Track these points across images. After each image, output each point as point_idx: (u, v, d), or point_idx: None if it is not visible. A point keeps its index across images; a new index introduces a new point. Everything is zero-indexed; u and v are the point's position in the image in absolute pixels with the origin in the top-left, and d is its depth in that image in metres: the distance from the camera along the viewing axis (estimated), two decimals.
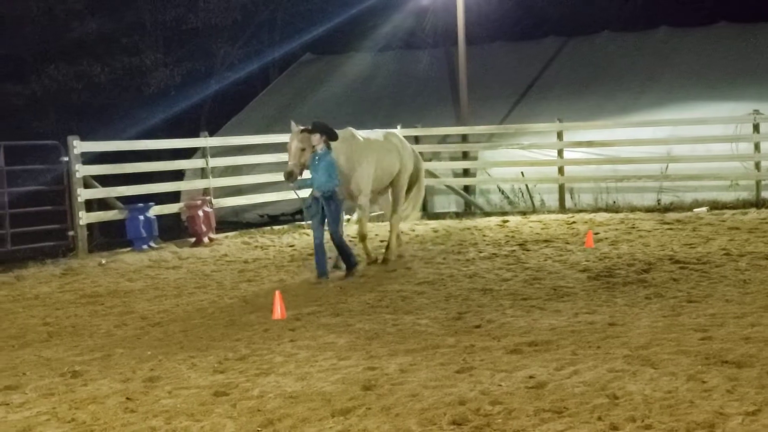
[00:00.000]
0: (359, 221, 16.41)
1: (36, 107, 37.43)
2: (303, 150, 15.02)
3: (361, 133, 16.46)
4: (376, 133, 17.09)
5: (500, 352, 9.59)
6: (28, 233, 18.61)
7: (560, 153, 24.38)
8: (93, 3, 37.28)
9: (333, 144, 15.12)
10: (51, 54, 37.14)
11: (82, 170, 18.37)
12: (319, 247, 14.94)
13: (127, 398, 8.52)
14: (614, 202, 23.62)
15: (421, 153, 25.13)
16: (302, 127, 15.09)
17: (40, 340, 11.35)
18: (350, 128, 16.34)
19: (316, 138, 14.86)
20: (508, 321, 11.18)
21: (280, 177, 23.12)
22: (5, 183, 18.22)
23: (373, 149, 16.27)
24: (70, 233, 18.29)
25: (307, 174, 15.26)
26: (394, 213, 17.23)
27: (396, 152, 16.95)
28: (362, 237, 16.39)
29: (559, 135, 24.45)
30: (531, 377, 8.57)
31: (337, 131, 15.44)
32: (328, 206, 14.77)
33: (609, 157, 24.18)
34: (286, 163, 15.16)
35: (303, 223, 16.72)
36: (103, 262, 17.11)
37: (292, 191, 15.76)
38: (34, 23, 37.52)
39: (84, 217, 18.21)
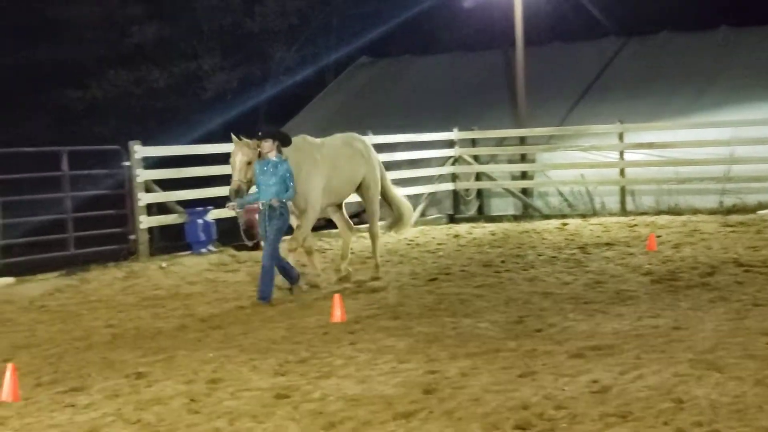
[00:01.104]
0: (301, 234, 14.47)
1: (96, 112, 37.85)
2: (249, 164, 13.71)
3: (317, 140, 15.06)
4: (335, 139, 15.57)
5: (563, 357, 9.52)
6: (91, 237, 18.76)
7: (621, 155, 24.18)
8: (152, 9, 37.63)
9: (284, 152, 13.88)
10: (111, 59, 37.55)
11: (143, 174, 18.51)
12: (270, 268, 13.54)
13: (191, 399, 8.57)
14: (676, 204, 23.36)
15: (476, 156, 25.36)
16: (244, 138, 13.88)
17: (104, 342, 11.45)
18: (304, 135, 15.02)
19: (267, 144, 13.58)
20: (570, 325, 11.10)
21: None
22: (68, 187, 18.40)
23: (327, 157, 14.78)
24: (132, 237, 18.42)
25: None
26: (372, 226, 15.83)
27: (360, 158, 15.46)
28: (309, 251, 14.81)
29: (620, 136, 24.26)
30: (595, 381, 8.49)
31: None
32: (275, 219, 13.52)
33: (671, 159, 23.91)
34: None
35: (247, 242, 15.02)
36: (164, 265, 17.23)
37: (232, 210, 13.99)
38: (95, 29, 37.98)
39: (145, 221, 18.33)
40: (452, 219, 24.54)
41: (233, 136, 14.07)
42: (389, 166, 24.69)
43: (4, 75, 37.73)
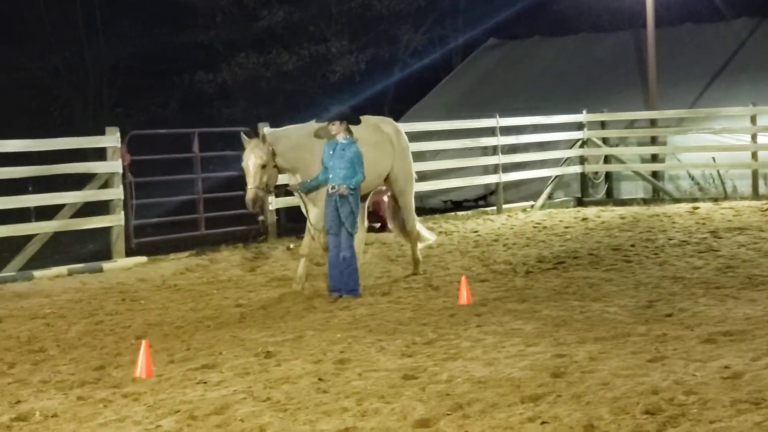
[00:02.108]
0: (317, 232, 13.39)
1: (226, 95, 38.46)
2: (263, 167, 12.64)
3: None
4: (364, 120, 13.65)
5: (693, 342, 9.37)
6: (220, 218, 19.11)
7: (754, 138, 23.61)
8: None
9: (297, 143, 13.07)
10: (241, 43, 38.10)
11: None
12: (353, 258, 12.83)
13: (319, 379, 8.67)
14: None
15: (605, 139, 25.04)
16: (254, 138, 12.94)
17: (234, 321, 11.65)
18: (312, 122, 13.64)
19: (335, 126, 12.64)
20: (701, 310, 10.91)
21: (463, 163, 23.45)
22: (199, 169, 18.75)
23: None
24: (260, 218, 18.68)
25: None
26: (407, 223, 14.51)
27: (388, 145, 13.98)
28: (325, 247, 13.32)
29: (753, 119, 23.69)
30: (726, 367, 8.34)
31: (298, 126, 13.51)
32: (346, 205, 12.68)
33: None
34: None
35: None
36: (291, 246, 17.42)
37: (258, 214, 13.03)
38: (225, 13, 38.58)
39: (273, 203, 18.58)
40: (580, 202, 24.31)
41: (243, 136, 12.97)
42: (516, 148, 24.75)
43: (139, 60, 38.66)
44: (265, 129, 18.08)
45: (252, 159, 12.63)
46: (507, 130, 23.90)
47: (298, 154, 13.21)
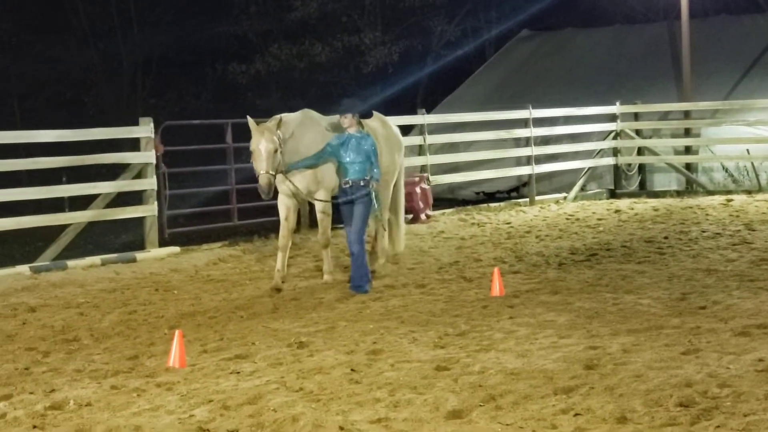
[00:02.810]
0: (323, 224, 13.32)
1: (259, 85, 38.55)
2: (276, 152, 12.38)
3: (325, 117, 13.57)
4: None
5: (727, 335, 9.32)
6: (253, 208, 19.14)
7: None
8: None
9: (291, 130, 12.74)
10: (274, 34, 38.16)
11: None
12: (361, 254, 12.55)
13: (352, 369, 8.68)
14: None
15: (639, 130, 24.91)
16: (263, 122, 12.58)
17: (266, 311, 11.68)
18: (307, 110, 13.54)
19: (347, 120, 12.54)
20: (734, 303, 10.84)
21: (496, 154, 23.40)
22: (232, 159, 18.80)
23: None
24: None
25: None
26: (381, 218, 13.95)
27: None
28: (326, 243, 13.39)
29: None
30: (760, 360, 8.29)
31: (297, 113, 13.23)
32: (360, 201, 12.52)
33: None
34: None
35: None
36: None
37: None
38: (258, 4, 38.65)
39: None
40: (613, 194, 24.20)
41: (250, 120, 12.66)
42: (549, 140, 24.67)
43: (172, 51, 38.82)
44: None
45: (263, 143, 12.38)
46: (540, 122, 23.84)
47: (292, 144, 12.85)
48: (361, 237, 12.64)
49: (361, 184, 12.53)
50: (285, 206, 13.40)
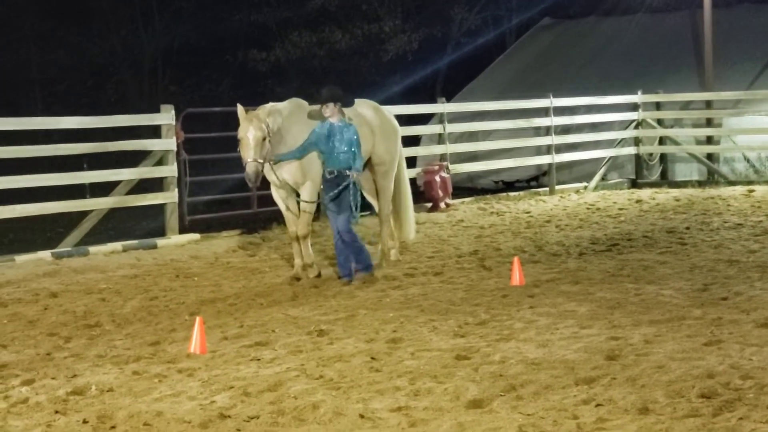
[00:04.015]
0: (304, 215, 13.03)
1: (279, 73, 38.53)
2: (264, 140, 12.22)
3: (314, 107, 13.06)
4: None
5: (750, 326, 9.29)
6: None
7: None
8: None
9: (281, 119, 12.59)
10: (294, 21, 38.12)
11: None
12: (353, 241, 12.46)
13: (372, 358, 8.69)
14: None
15: (660, 120, 24.80)
16: (250, 110, 12.42)
17: (286, 299, 11.69)
18: (296, 98, 13.35)
19: (329, 109, 12.30)
20: (757, 294, 10.80)
21: (516, 143, 23.33)
22: None
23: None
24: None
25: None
26: (383, 210, 13.95)
27: (365, 128, 13.24)
28: (305, 235, 12.98)
29: None
30: None
31: (285, 102, 13.01)
32: (345, 191, 12.31)
33: None
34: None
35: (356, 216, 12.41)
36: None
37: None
38: None
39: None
40: (634, 184, 24.11)
41: (239, 108, 12.51)
42: (569, 129, 24.58)
43: (193, 38, 38.85)
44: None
45: (252, 131, 12.23)
46: (560, 111, 23.76)
47: (279, 135, 12.69)
48: (349, 224, 12.44)
49: (346, 173, 12.32)
50: (280, 197, 13.26)
